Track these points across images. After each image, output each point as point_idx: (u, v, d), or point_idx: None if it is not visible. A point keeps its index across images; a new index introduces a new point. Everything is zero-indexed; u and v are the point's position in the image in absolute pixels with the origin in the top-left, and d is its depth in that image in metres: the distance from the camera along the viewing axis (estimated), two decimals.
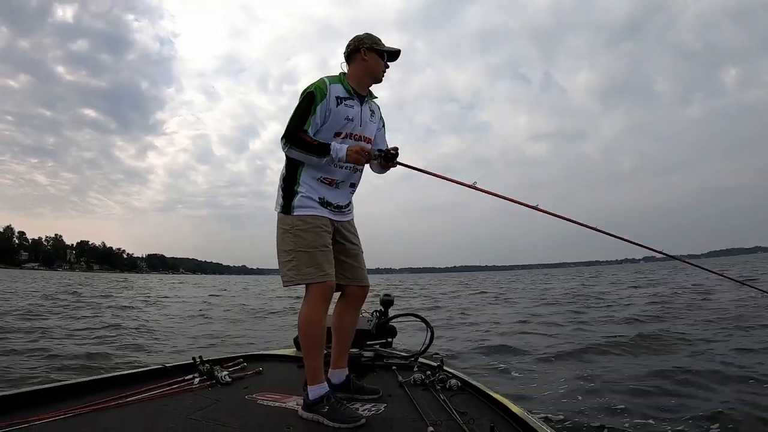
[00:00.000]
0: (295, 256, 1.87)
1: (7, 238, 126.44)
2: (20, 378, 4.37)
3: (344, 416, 1.74)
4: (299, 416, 1.81)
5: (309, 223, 1.89)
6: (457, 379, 2.27)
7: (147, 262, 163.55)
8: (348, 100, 1.96)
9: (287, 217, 1.91)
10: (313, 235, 1.88)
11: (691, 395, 3.74)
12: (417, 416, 1.80)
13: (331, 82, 1.94)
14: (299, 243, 1.87)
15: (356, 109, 1.98)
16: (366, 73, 2.00)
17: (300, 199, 1.90)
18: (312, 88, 1.90)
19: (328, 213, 1.95)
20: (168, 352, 6.08)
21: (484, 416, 1.79)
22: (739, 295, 10.88)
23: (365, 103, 2.03)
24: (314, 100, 1.88)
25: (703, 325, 7.13)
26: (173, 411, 1.78)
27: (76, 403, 1.72)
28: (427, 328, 2.83)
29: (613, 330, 7.23)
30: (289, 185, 1.94)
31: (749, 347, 5.30)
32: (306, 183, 1.92)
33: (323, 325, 1.87)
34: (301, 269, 1.85)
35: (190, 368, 2.27)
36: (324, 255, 1.89)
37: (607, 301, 12.62)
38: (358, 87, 2.00)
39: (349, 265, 2.03)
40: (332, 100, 1.91)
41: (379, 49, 1.99)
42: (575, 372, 4.64)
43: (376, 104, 2.12)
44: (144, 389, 1.95)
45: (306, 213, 1.90)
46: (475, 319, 9.81)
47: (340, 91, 1.94)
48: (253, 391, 2.10)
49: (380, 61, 2.00)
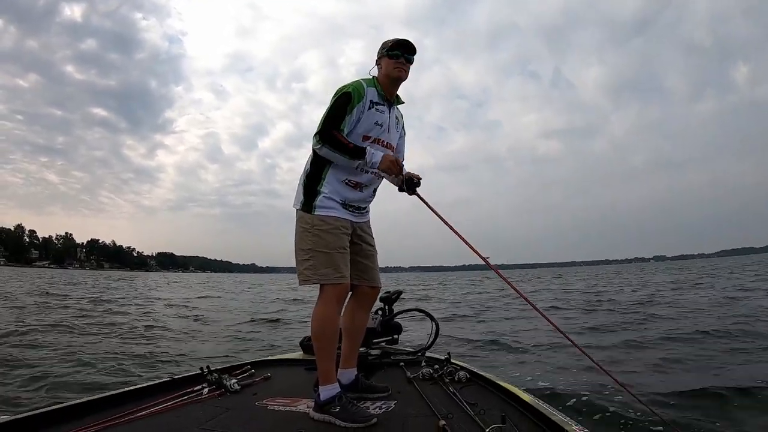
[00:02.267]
0: (313, 255, 1.87)
1: (18, 236, 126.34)
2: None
3: (356, 416, 1.75)
4: (311, 417, 1.82)
5: (329, 224, 1.89)
6: (466, 371, 2.28)
7: (156, 260, 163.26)
8: (379, 105, 1.97)
9: (308, 215, 1.91)
10: (333, 237, 1.89)
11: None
12: (428, 411, 1.81)
13: (368, 85, 1.95)
14: (318, 243, 1.87)
15: (386, 114, 1.99)
16: (385, 77, 2.00)
17: (322, 199, 1.91)
18: (350, 89, 1.89)
19: (348, 215, 1.96)
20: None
21: (494, 406, 1.80)
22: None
23: (393, 108, 2.04)
24: (351, 100, 1.88)
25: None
26: (185, 423, 1.78)
27: (87, 422, 1.71)
28: (432, 322, 2.84)
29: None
30: (312, 183, 1.93)
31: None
32: (330, 183, 1.92)
33: (337, 326, 1.89)
34: (319, 269, 1.86)
35: (198, 379, 2.26)
36: (342, 257, 1.90)
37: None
38: (386, 91, 2.01)
39: (365, 265, 2.05)
40: (367, 103, 1.92)
41: (386, 52, 1.98)
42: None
43: (400, 111, 2.13)
44: (154, 403, 1.95)
45: (327, 214, 1.90)
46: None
47: (374, 95, 1.96)
48: (263, 397, 2.10)
49: (390, 62, 1.98)
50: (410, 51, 1.98)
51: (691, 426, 2.97)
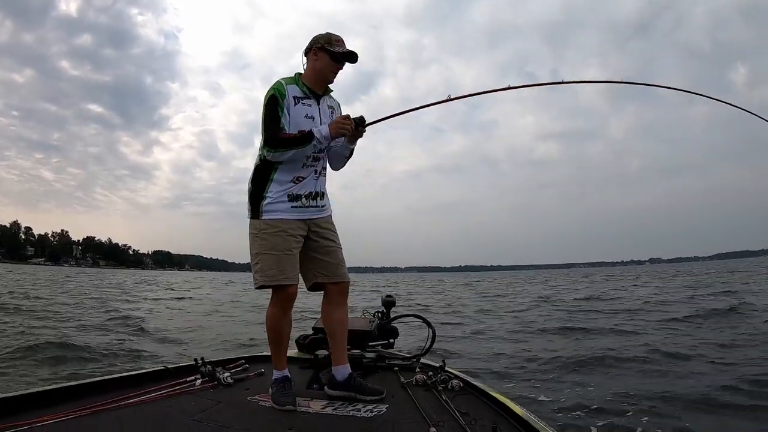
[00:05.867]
0: (261, 258, 1.95)
1: (14, 233, 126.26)
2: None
3: (279, 400, 1.90)
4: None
5: (275, 227, 1.96)
6: (459, 379, 2.26)
7: (153, 258, 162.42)
8: (304, 99, 2.01)
9: (256, 221, 1.99)
10: (279, 239, 1.95)
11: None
12: (419, 417, 1.79)
13: (287, 83, 2.00)
14: (264, 246, 1.95)
15: (314, 107, 2.03)
16: (314, 71, 2.03)
17: (268, 204, 1.97)
18: (272, 92, 1.97)
19: (297, 214, 1.99)
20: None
21: (486, 417, 1.78)
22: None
23: (322, 100, 2.07)
24: (278, 101, 1.95)
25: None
26: (175, 412, 1.77)
27: (77, 405, 1.71)
28: (429, 328, 2.83)
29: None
30: (258, 191, 1.99)
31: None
32: (276, 186, 1.98)
33: (280, 325, 2.03)
34: (266, 271, 1.94)
35: (191, 370, 2.26)
36: (288, 259, 1.96)
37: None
38: (314, 85, 2.04)
39: (325, 262, 2.07)
40: (290, 100, 1.97)
41: (330, 50, 2.00)
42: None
43: (335, 100, 2.16)
44: (145, 391, 1.95)
45: (273, 217, 1.97)
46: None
47: (296, 91, 2.01)
48: (255, 392, 2.10)
49: (330, 62, 2.01)
50: (352, 62, 2.05)
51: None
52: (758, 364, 4.66)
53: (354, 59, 2.04)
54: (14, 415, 1.61)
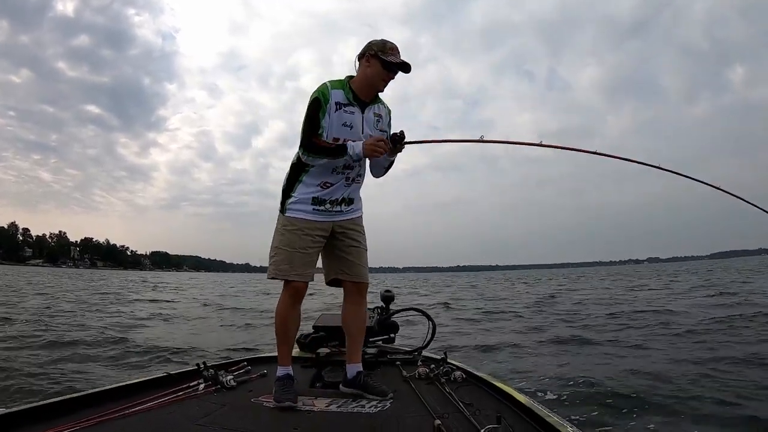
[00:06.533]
0: (277, 252, 2.04)
1: (12, 234, 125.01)
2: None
3: (279, 396, 1.92)
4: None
5: (295, 225, 2.02)
6: (462, 371, 2.28)
7: (150, 259, 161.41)
8: (347, 106, 1.97)
9: (281, 216, 2.08)
10: (295, 237, 2.01)
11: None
12: (423, 410, 1.81)
13: (333, 87, 1.96)
14: (282, 241, 2.03)
15: (356, 115, 1.99)
16: (365, 78, 1.98)
17: (292, 203, 2.04)
18: (317, 94, 1.95)
19: (321, 216, 2.02)
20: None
21: (490, 407, 1.80)
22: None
23: (368, 108, 2.02)
24: (320, 105, 1.93)
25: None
26: (180, 418, 1.77)
27: (81, 417, 1.70)
28: (429, 321, 2.84)
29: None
30: (288, 188, 2.06)
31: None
32: (303, 188, 2.02)
33: (288, 319, 2.08)
34: (279, 265, 2.02)
35: (194, 374, 2.26)
36: (301, 257, 2.02)
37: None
38: (361, 92, 1.99)
39: (348, 261, 2.10)
40: (332, 105, 1.94)
41: (383, 58, 1.94)
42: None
43: (385, 108, 2.10)
44: (149, 398, 1.94)
45: (294, 215, 2.03)
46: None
47: (340, 96, 1.96)
48: (259, 393, 2.10)
49: (381, 71, 1.95)
50: (406, 73, 2.01)
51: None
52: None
53: (407, 70, 1.98)
54: (16, 430, 1.60)
